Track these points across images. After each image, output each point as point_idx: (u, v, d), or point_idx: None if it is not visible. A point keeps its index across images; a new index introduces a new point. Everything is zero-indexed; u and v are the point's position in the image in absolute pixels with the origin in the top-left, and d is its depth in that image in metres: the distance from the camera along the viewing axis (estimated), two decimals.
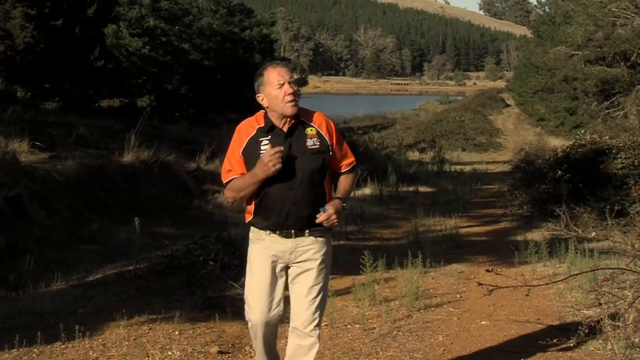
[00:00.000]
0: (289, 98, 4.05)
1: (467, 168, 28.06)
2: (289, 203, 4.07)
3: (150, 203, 12.40)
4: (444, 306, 6.94)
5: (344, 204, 4.26)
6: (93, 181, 11.89)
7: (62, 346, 5.57)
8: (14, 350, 5.40)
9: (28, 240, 9.16)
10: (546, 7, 50.42)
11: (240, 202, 4.32)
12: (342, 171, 4.31)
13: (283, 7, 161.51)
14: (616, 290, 6.35)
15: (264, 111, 4.19)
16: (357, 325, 6.25)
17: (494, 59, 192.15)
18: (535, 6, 79.92)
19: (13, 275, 8.01)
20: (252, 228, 4.31)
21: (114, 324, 6.12)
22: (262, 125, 4.14)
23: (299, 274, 4.24)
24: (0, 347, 5.46)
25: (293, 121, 4.11)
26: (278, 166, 3.95)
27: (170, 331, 6.03)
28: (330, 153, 4.18)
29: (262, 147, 4.06)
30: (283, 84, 4.05)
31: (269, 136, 4.09)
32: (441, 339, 5.93)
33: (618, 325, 5.17)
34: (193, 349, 5.63)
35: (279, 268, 4.24)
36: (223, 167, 4.26)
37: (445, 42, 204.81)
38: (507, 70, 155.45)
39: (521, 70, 57.36)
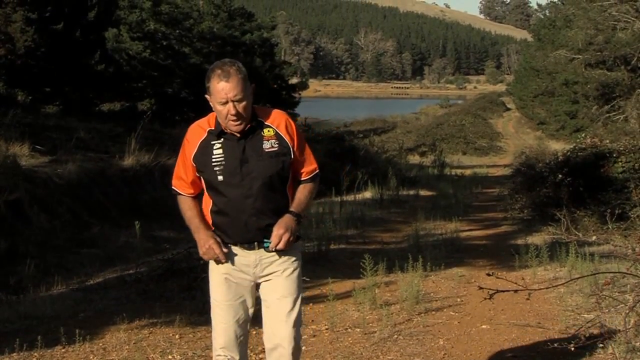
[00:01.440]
0: (232, 119, 3.64)
1: (468, 172, 28.05)
2: (247, 213, 3.71)
3: (150, 207, 12.40)
4: (445, 310, 6.94)
5: (297, 219, 3.76)
6: (93, 185, 11.89)
7: (63, 350, 5.58)
8: (15, 354, 5.40)
9: (28, 244, 9.16)
10: (546, 11, 50.51)
11: None
12: (302, 179, 3.90)
13: (283, 11, 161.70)
14: (617, 294, 6.34)
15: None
16: (358, 329, 6.25)
17: (494, 63, 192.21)
18: (536, 10, 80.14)
19: (14, 279, 8.00)
20: None
21: (115, 328, 6.13)
22: (213, 127, 3.77)
23: (268, 288, 3.86)
24: (0, 351, 5.46)
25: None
26: (206, 258, 3.78)
27: (171, 335, 6.03)
28: (292, 156, 3.78)
29: (215, 152, 3.71)
30: (226, 102, 3.61)
31: (222, 139, 3.73)
32: (442, 342, 5.92)
33: (619, 329, 5.17)
34: (194, 353, 5.63)
35: (244, 284, 3.85)
36: (175, 171, 3.92)
37: (445, 46, 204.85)
38: (508, 74, 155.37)
39: (522, 73, 57.38)
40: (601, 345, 5.35)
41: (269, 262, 3.81)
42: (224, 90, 3.60)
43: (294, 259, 3.86)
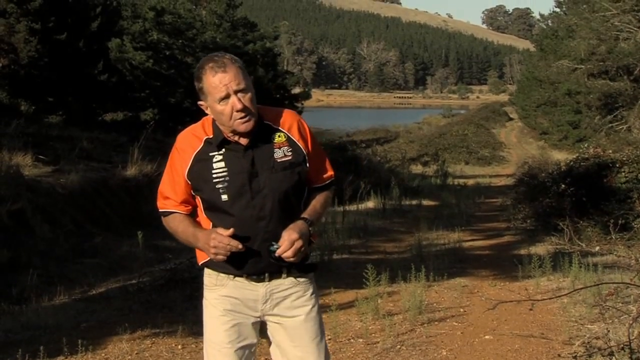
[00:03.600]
0: (239, 115, 2.97)
1: (471, 181, 28.08)
2: (259, 238, 3.02)
3: (153, 217, 12.28)
4: (448, 320, 6.92)
5: (311, 227, 3.09)
6: (96, 195, 11.90)
7: None
8: None
9: (31, 254, 9.16)
10: (549, 21, 50.46)
11: None
12: (315, 186, 3.24)
13: (286, 21, 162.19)
14: (620, 304, 6.33)
15: (212, 117, 3.13)
16: (361, 340, 6.23)
17: (497, 73, 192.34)
18: (538, 20, 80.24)
19: (16, 289, 8.00)
20: (206, 271, 3.24)
21: (117, 338, 6.12)
22: (212, 136, 3.10)
23: (283, 332, 3.20)
24: None
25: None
26: (220, 257, 2.97)
27: (173, 345, 6.02)
28: (307, 165, 3.13)
29: (215, 166, 3.03)
30: (228, 96, 2.97)
31: (223, 150, 3.05)
32: (445, 353, 5.90)
33: (623, 340, 5.16)
34: None
35: (249, 322, 3.17)
36: (159, 190, 3.22)
37: (448, 56, 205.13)
38: (510, 84, 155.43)
39: (524, 83, 57.43)
40: (606, 356, 5.33)
41: (282, 297, 3.16)
42: (222, 82, 2.96)
43: (311, 291, 3.22)
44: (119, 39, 21.35)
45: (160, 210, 3.24)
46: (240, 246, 2.93)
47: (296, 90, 29.40)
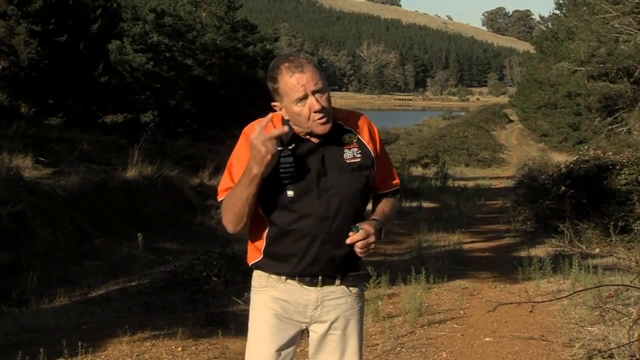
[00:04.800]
0: (317, 116, 2.86)
1: (471, 183, 28.07)
2: (320, 239, 2.92)
3: (153, 219, 12.41)
4: (448, 322, 6.91)
5: (382, 230, 3.02)
6: (96, 197, 11.90)
7: None
8: None
9: (31, 256, 9.16)
10: (549, 23, 50.53)
11: (242, 230, 3.01)
12: (381, 192, 3.17)
13: (286, 23, 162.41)
14: (620, 306, 6.33)
15: (281, 114, 3.00)
16: None
17: (497, 75, 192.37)
18: (538, 22, 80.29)
19: (16, 291, 8.00)
20: (256, 272, 3.13)
21: (117, 340, 6.12)
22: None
23: (327, 341, 3.11)
24: None
25: None
26: (269, 147, 2.77)
27: (173, 347, 6.01)
28: (375, 169, 3.06)
29: (283, 160, 2.88)
30: (306, 97, 2.86)
31: (292, 145, 2.92)
32: (445, 355, 5.90)
33: (623, 342, 5.15)
34: None
35: (295, 330, 3.08)
36: (220, 184, 3.04)
37: (448, 58, 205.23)
38: (510, 86, 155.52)
39: (524, 85, 57.46)
40: (605, 358, 5.33)
41: (334, 305, 3.06)
42: (299, 82, 2.84)
43: (361, 304, 3.16)
44: (119, 41, 21.38)
45: (219, 199, 3.01)
46: (286, 129, 2.82)
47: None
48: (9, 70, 17.93)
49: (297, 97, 2.85)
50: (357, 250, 2.88)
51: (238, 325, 6.29)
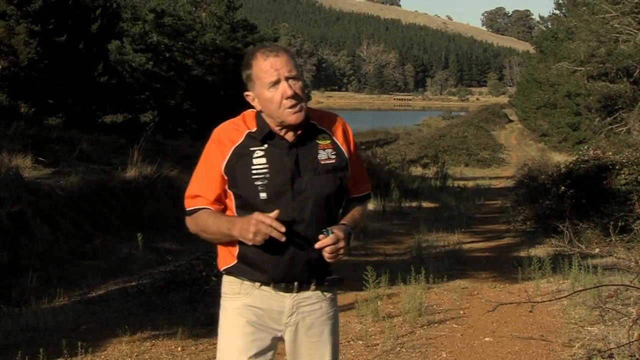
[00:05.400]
0: (289, 103, 2.79)
1: (470, 183, 28.08)
2: (295, 242, 2.84)
3: (153, 219, 12.40)
4: (447, 322, 6.91)
5: (351, 236, 2.95)
6: (96, 197, 11.90)
7: None
8: None
9: (31, 256, 9.16)
10: (549, 23, 50.58)
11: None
12: (352, 196, 3.10)
13: (286, 23, 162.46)
14: (620, 306, 6.33)
15: (254, 110, 2.96)
16: (360, 342, 6.23)
17: (496, 75, 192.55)
18: (538, 22, 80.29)
19: (16, 291, 8.00)
20: (228, 278, 3.00)
21: (117, 340, 6.12)
22: (254, 129, 2.91)
23: (303, 347, 3.02)
24: None
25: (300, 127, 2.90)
26: (259, 240, 2.73)
27: (173, 347, 6.02)
28: (349, 170, 2.98)
29: (255, 161, 2.83)
30: (278, 82, 2.79)
31: (265, 145, 2.86)
32: (444, 355, 5.90)
33: (622, 342, 5.15)
34: None
35: (270, 338, 2.97)
36: (188, 190, 2.96)
37: (448, 58, 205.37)
38: (510, 86, 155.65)
39: (524, 85, 57.46)
40: (604, 358, 5.33)
41: (309, 311, 2.99)
42: (273, 66, 2.79)
43: (335, 308, 3.10)
44: (119, 41, 21.38)
45: (188, 209, 2.95)
46: (283, 229, 2.70)
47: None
48: (8, 70, 17.93)
49: (270, 81, 2.79)
50: (326, 255, 2.79)
51: None
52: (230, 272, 2.97)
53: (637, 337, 5.07)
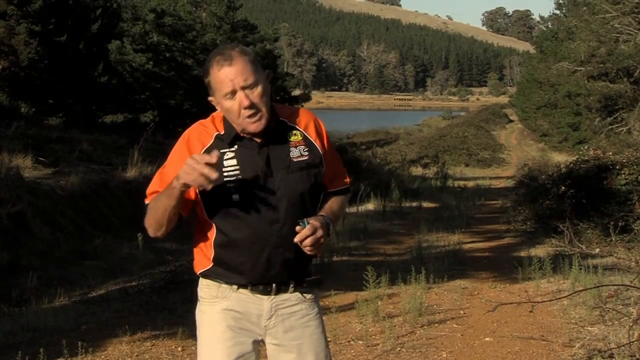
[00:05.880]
0: (247, 113, 2.73)
1: (470, 183, 28.09)
2: (270, 244, 2.78)
3: None
4: (448, 322, 6.91)
5: (330, 227, 2.86)
6: (96, 197, 11.90)
7: None
8: None
9: (31, 256, 9.16)
10: (549, 23, 50.60)
11: (163, 236, 2.94)
12: (330, 190, 3.03)
13: (286, 23, 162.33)
14: (620, 306, 6.33)
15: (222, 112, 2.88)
16: (361, 342, 6.23)
17: (497, 75, 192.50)
18: (538, 22, 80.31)
19: (16, 291, 8.00)
20: (204, 282, 2.96)
21: (117, 340, 6.12)
22: (223, 132, 2.85)
23: (283, 351, 2.95)
24: None
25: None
26: (208, 181, 2.59)
27: (173, 347, 6.02)
28: (323, 167, 2.92)
29: (226, 163, 2.78)
30: (235, 92, 2.73)
31: (235, 147, 2.81)
32: (445, 355, 5.90)
33: (623, 342, 5.15)
34: None
35: (250, 342, 2.91)
36: (149, 187, 2.93)
37: (448, 58, 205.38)
38: (510, 86, 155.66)
39: (524, 85, 57.46)
40: (605, 358, 5.33)
41: (287, 314, 2.92)
42: (227, 76, 2.71)
43: (316, 311, 3.00)
44: (119, 41, 21.36)
45: (147, 202, 2.90)
46: (214, 160, 2.57)
47: (296, 92, 29.41)
48: (8, 70, 17.92)
49: (226, 92, 2.73)
50: (306, 248, 2.71)
51: None
52: (206, 275, 2.93)
53: (638, 337, 5.07)
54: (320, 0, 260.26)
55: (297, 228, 2.71)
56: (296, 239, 2.70)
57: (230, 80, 2.71)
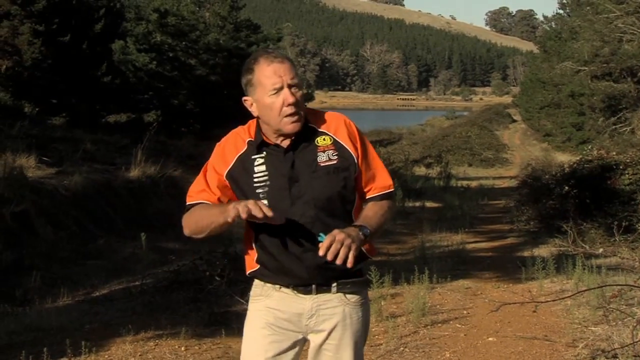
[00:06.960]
0: (289, 111, 2.77)
1: (474, 183, 28.03)
2: (301, 247, 2.82)
3: (156, 218, 12.40)
4: (451, 322, 6.91)
5: (364, 235, 2.74)
6: (99, 196, 11.91)
7: None
8: None
9: (34, 256, 9.17)
10: (552, 23, 50.44)
11: (201, 239, 3.03)
12: (369, 196, 2.96)
13: (289, 23, 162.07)
14: (624, 306, 6.32)
15: (257, 119, 2.93)
16: None
17: (500, 75, 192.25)
18: (542, 22, 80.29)
19: (19, 291, 8.01)
20: (255, 281, 3.04)
21: (120, 340, 6.12)
22: (253, 138, 2.90)
23: (322, 351, 2.98)
24: None
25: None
26: (235, 213, 2.60)
27: (177, 347, 6.02)
28: (357, 169, 2.88)
29: (257, 169, 2.84)
30: (281, 89, 2.77)
31: (263, 153, 2.85)
32: (448, 355, 5.90)
33: (626, 343, 5.15)
34: None
35: (290, 341, 2.95)
36: (193, 186, 3.00)
37: (451, 58, 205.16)
38: (514, 86, 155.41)
39: (528, 85, 57.35)
40: (608, 358, 5.33)
41: (330, 314, 2.93)
42: (277, 72, 2.76)
43: (360, 314, 2.98)
44: (123, 41, 21.40)
45: (188, 203, 2.97)
46: (270, 213, 2.59)
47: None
48: (12, 70, 17.95)
49: (273, 87, 2.76)
50: (330, 259, 2.61)
51: (241, 325, 6.25)
52: (254, 275, 3.01)
53: None
54: (323, 0, 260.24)
55: (319, 244, 2.65)
56: (319, 253, 2.63)
57: (279, 76, 2.76)
